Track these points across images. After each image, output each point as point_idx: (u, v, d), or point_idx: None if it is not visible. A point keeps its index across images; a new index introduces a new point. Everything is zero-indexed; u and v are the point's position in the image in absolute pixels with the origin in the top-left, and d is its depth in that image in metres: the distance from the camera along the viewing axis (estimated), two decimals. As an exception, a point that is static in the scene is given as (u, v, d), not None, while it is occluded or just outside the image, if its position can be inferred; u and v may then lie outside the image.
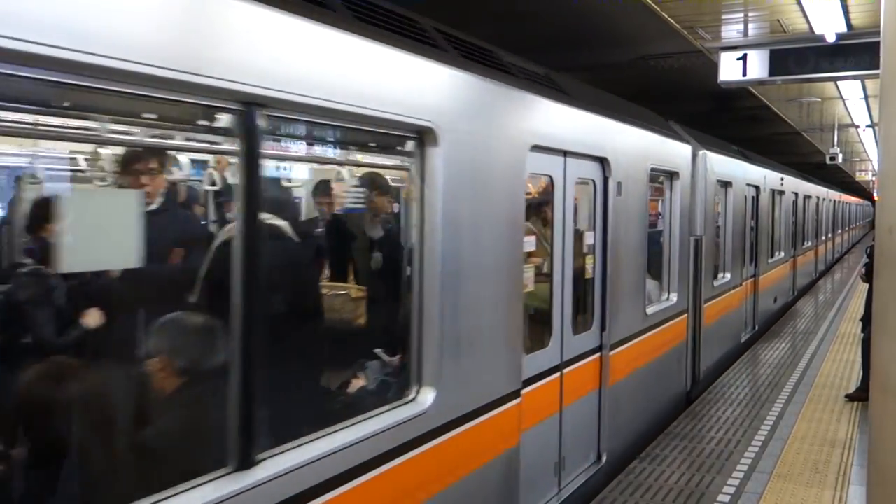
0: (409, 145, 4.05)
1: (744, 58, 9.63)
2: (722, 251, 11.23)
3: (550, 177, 5.68)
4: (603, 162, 6.43)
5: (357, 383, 4.13)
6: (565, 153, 5.77)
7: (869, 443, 3.86)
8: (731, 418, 8.37)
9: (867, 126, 18.71)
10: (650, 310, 7.69)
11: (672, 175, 8.52)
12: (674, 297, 8.55)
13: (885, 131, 3.69)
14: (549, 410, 5.68)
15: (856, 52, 9.08)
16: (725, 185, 11.12)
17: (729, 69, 9.81)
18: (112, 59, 2.40)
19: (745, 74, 9.75)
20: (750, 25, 9.39)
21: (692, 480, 6.57)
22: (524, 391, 5.06)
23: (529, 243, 5.33)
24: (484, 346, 4.57)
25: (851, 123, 18.97)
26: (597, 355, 6.48)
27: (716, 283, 10.55)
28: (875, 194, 11.11)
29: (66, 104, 2.81)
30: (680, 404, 9.03)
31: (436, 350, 4.06)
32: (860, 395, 8.74)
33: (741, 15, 8.97)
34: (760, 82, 10.26)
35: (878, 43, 3.82)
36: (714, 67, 10.05)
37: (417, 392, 4.03)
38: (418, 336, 4.04)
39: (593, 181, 6.40)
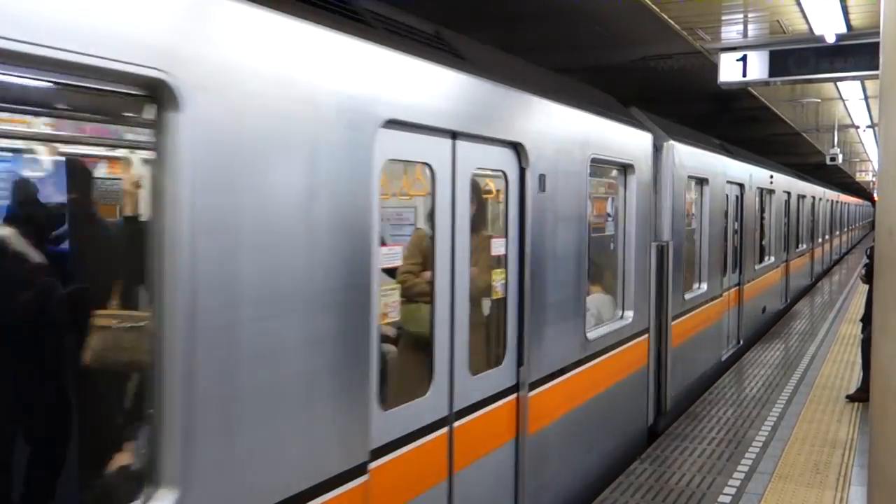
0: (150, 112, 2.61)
1: (744, 58, 9.76)
2: (697, 258, 9.82)
3: (429, 165, 4.22)
4: (517, 148, 4.97)
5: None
6: (454, 134, 4.32)
7: (869, 443, 3.91)
8: (731, 419, 8.38)
9: (867, 127, 18.78)
10: (594, 333, 6.25)
11: (626, 168, 7.07)
12: (629, 316, 7.11)
13: (885, 132, 3.72)
14: (429, 482, 4.21)
15: (855, 52, 9.18)
16: (701, 182, 9.80)
17: (729, 70, 9.92)
18: None
19: (744, 75, 9.86)
20: (750, 26, 9.41)
21: (693, 481, 6.57)
22: (374, 465, 3.62)
23: (390, 256, 3.89)
24: (291, 409, 3.11)
25: (851, 124, 19.30)
26: (512, 397, 5.04)
27: (688, 297, 9.12)
28: (875, 195, 11.01)
29: None
30: (640, 443, 7.61)
31: (180, 425, 2.61)
32: (861, 396, 8.78)
33: (741, 16, 9.00)
34: (760, 83, 10.27)
35: (877, 44, 3.87)
36: (714, 68, 10.17)
37: (148, 497, 2.57)
38: (156, 406, 2.59)
39: (504, 172, 4.93)
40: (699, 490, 6.35)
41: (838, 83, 13.22)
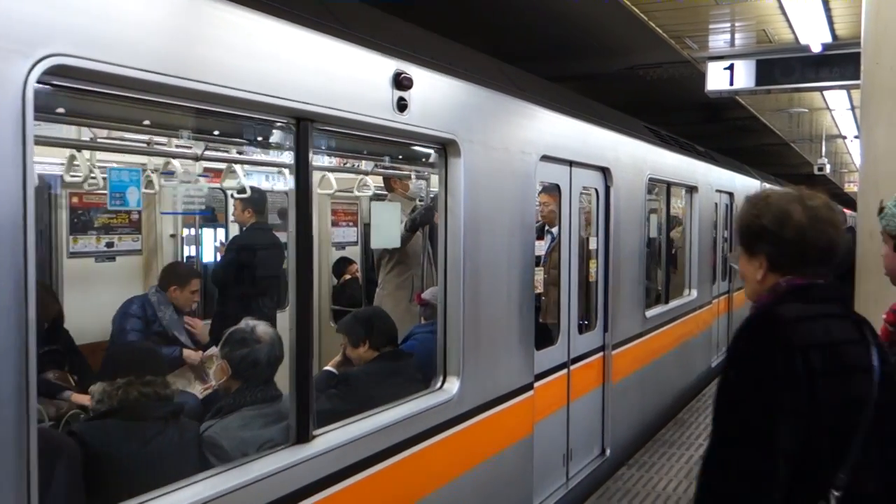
0: None
1: (731, 67, 9.85)
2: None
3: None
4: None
5: None
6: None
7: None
8: None
9: (854, 137, 18.30)
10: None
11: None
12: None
13: (866, 138, 4.04)
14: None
15: (841, 62, 9.25)
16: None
17: (716, 78, 10.02)
18: None
19: (731, 84, 9.96)
20: (737, 35, 9.54)
21: (679, 487, 6.68)
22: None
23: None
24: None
25: (839, 134, 19.20)
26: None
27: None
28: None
29: None
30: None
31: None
32: None
33: (728, 24, 9.09)
34: (747, 92, 10.43)
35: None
36: (702, 78, 10.25)
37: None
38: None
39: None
40: (686, 495, 6.45)
41: (825, 93, 13.21)
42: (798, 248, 2.30)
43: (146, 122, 3.49)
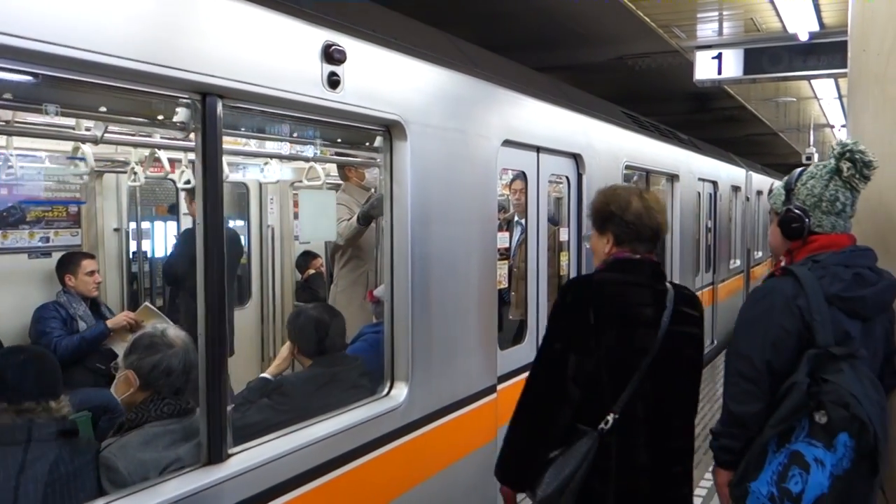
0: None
1: (719, 56, 9.88)
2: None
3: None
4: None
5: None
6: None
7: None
8: (707, 414, 8.30)
9: (842, 126, 18.68)
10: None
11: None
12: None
13: (853, 125, 3.92)
14: None
15: (828, 50, 9.30)
16: None
17: (704, 68, 10.06)
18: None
19: (720, 73, 10.00)
20: (725, 24, 9.55)
21: None
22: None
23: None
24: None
25: (827, 123, 19.47)
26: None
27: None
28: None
29: None
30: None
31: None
32: None
33: (716, 13, 9.09)
34: (735, 81, 10.43)
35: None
36: (691, 68, 10.26)
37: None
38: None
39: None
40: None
41: (813, 82, 13.34)
42: (636, 228, 2.98)
43: (6, 96, 3.08)
